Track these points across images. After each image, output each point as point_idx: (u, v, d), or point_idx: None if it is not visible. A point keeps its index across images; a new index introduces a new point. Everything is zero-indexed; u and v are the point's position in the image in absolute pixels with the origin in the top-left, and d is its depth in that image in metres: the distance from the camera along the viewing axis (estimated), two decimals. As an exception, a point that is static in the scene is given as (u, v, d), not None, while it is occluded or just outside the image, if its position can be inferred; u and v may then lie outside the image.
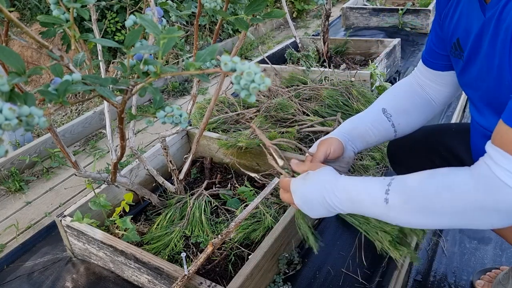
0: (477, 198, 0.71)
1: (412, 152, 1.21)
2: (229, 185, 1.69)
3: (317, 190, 0.87)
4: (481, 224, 0.73)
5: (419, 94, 1.13)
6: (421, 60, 1.14)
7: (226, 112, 2.12)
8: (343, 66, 2.84)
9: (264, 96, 2.25)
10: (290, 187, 0.92)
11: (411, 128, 1.13)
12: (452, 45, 0.96)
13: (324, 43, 2.77)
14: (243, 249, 1.37)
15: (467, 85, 0.95)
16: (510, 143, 0.67)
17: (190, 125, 1.89)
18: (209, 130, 1.91)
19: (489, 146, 0.72)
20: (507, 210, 0.69)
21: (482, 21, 0.82)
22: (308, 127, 1.92)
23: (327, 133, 1.83)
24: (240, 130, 1.96)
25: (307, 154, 1.04)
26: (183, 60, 3.05)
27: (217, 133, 1.88)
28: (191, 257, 1.38)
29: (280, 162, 1.02)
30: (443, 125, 1.27)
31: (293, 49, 2.84)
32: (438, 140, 1.17)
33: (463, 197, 0.72)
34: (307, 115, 2.11)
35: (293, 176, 0.99)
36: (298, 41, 2.96)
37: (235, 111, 2.14)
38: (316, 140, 1.85)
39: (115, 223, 1.43)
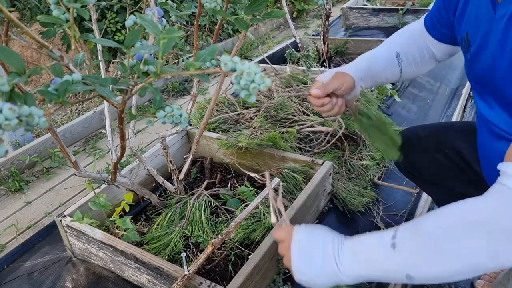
0: (501, 220, 0.62)
1: (416, 150, 1.21)
2: (229, 185, 1.69)
3: (322, 243, 0.77)
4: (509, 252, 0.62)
5: (427, 47, 1.16)
6: (423, 24, 1.16)
7: (226, 112, 2.12)
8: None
9: (264, 96, 2.25)
10: (291, 246, 0.81)
11: (413, 76, 1.20)
12: (462, 38, 0.96)
13: (324, 43, 2.77)
14: (243, 249, 1.37)
15: (474, 80, 0.95)
16: None
17: (190, 125, 1.89)
18: (209, 130, 1.91)
19: (504, 165, 0.68)
20: None
21: (492, 19, 0.82)
22: (308, 127, 1.92)
23: (328, 133, 1.84)
24: (240, 130, 1.96)
25: (317, 79, 1.05)
26: (183, 60, 3.05)
27: (217, 133, 1.88)
28: (191, 257, 1.38)
29: (273, 219, 0.91)
30: (448, 124, 1.27)
31: (293, 49, 2.84)
32: (443, 139, 1.17)
33: (485, 222, 0.63)
34: (307, 115, 2.11)
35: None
36: (298, 41, 2.96)
37: (235, 111, 2.13)
38: (316, 141, 1.86)
39: (115, 223, 1.43)
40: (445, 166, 1.16)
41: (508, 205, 0.63)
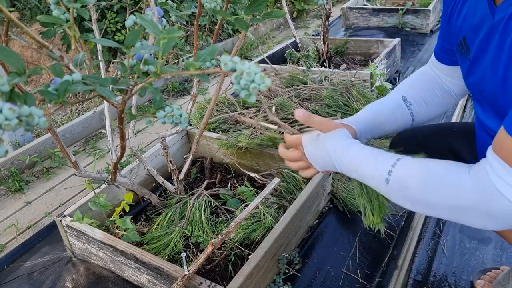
0: (472, 201, 0.72)
1: (413, 151, 1.20)
2: (229, 185, 1.69)
3: (326, 154, 0.90)
4: (474, 223, 0.75)
5: (439, 84, 1.12)
6: (433, 54, 1.13)
7: (226, 112, 2.12)
8: (343, 66, 2.84)
9: (264, 96, 2.25)
10: (302, 142, 0.94)
11: (429, 118, 1.13)
12: (458, 43, 0.95)
13: (324, 43, 2.77)
14: (243, 249, 1.37)
15: (473, 86, 0.94)
16: (509, 154, 0.67)
17: (190, 125, 1.89)
18: (209, 130, 1.91)
19: (489, 153, 0.72)
20: (502, 218, 0.70)
21: (491, 23, 0.80)
22: (307, 126, 1.92)
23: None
24: (240, 130, 1.96)
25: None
26: (183, 60, 3.05)
27: (217, 133, 1.88)
28: (191, 257, 1.38)
29: (274, 126, 1.01)
30: (446, 125, 1.27)
31: (293, 49, 2.84)
32: (441, 140, 1.17)
33: (459, 195, 0.73)
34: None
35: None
36: (298, 41, 2.96)
37: (235, 111, 2.14)
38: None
39: (115, 223, 1.43)
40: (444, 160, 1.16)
41: (482, 192, 0.71)
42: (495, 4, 0.81)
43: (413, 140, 1.22)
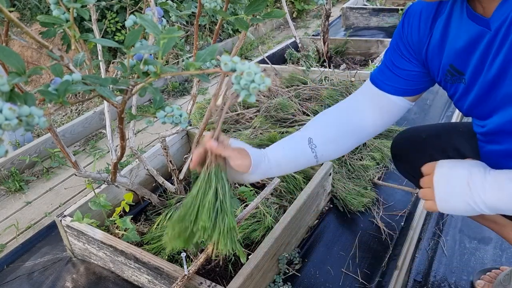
0: None
1: (418, 151, 1.20)
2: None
3: (463, 174, 0.81)
4: None
5: (352, 121, 1.06)
6: (369, 80, 1.07)
7: (226, 112, 2.12)
8: (343, 66, 2.84)
9: (264, 96, 2.25)
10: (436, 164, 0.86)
11: (338, 155, 1.08)
12: (446, 72, 0.93)
13: (324, 43, 2.77)
14: (243, 249, 1.37)
15: (471, 106, 0.91)
16: None
17: (190, 125, 1.89)
18: (209, 130, 1.91)
19: None
20: None
21: (488, 35, 0.80)
22: None
23: None
24: (240, 130, 1.96)
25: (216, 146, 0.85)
26: (183, 60, 3.05)
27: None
28: (191, 257, 1.38)
29: (219, 101, 0.80)
30: (451, 125, 1.26)
31: (293, 49, 2.84)
32: (446, 141, 1.16)
33: None
34: (307, 115, 2.11)
35: None
36: (298, 41, 2.96)
37: (235, 111, 2.14)
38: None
39: (115, 223, 1.43)
40: None
41: None
42: (484, 16, 0.80)
43: (418, 140, 1.21)
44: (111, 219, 1.43)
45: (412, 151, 1.22)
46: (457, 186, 0.81)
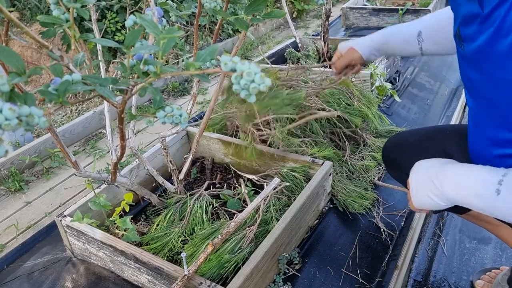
0: None
1: (406, 155, 1.20)
2: (228, 185, 1.69)
3: (428, 170, 0.88)
4: None
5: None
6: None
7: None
8: (343, 66, 2.83)
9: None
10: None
11: (438, 54, 1.22)
12: (456, 31, 0.91)
13: (324, 43, 2.76)
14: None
15: (465, 75, 0.91)
16: None
17: (195, 121, 1.89)
18: (208, 131, 1.91)
19: None
20: None
21: (480, 15, 0.77)
22: (310, 114, 1.88)
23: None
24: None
25: (338, 48, 1.31)
26: (183, 60, 3.05)
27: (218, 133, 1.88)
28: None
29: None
30: (438, 128, 1.26)
31: (293, 49, 2.84)
32: (433, 143, 1.16)
33: None
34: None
35: None
36: (298, 41, 2.96)
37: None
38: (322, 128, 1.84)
39: (115, 223, 1.43)
40: None
41: None
42: None
43: (405, 145, 1.22)
44: (111, 219, 1.43)
45: (400, 155, 1.22)
46: (421, 181, 0.88)
